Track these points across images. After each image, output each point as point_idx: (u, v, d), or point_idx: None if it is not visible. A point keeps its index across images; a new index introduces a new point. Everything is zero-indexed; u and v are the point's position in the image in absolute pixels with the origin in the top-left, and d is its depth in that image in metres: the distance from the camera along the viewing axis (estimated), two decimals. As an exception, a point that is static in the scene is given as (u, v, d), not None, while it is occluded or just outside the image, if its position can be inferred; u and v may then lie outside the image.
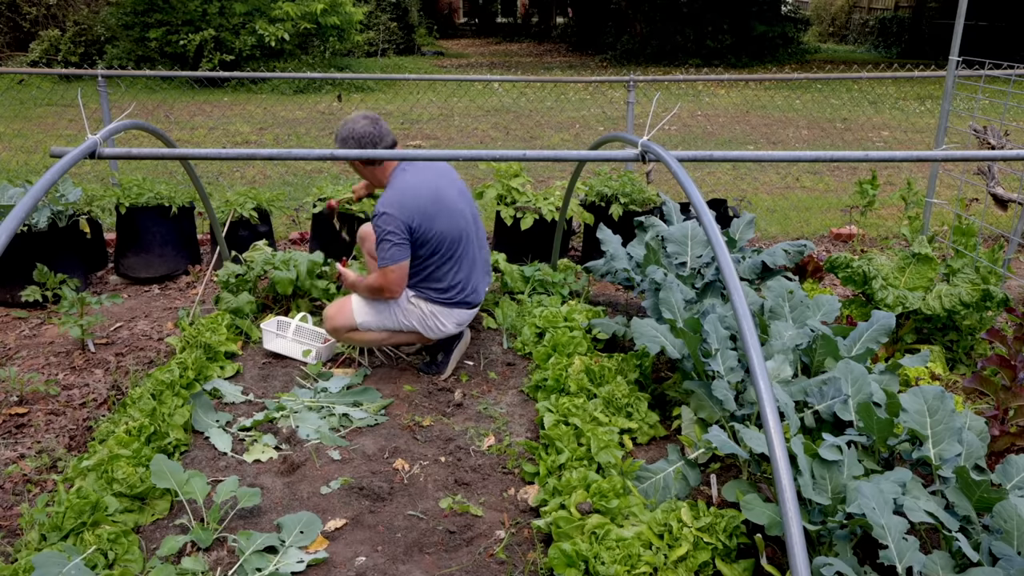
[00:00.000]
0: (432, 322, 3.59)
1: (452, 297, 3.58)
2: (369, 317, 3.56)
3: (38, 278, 3.99)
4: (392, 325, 3.60)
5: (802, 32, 23.00)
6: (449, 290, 3.57)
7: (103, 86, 5.96)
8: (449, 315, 3.61)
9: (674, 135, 10.20)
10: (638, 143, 2.61)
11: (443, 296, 3.57)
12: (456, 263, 3.55)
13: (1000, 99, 5.21)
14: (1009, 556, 2.04)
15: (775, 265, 3.71)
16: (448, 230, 3.48)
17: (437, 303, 3.58)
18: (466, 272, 3.59)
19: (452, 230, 3.49)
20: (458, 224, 3.52)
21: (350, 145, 3.43)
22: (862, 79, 11.28)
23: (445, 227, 3.46)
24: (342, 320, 3.58)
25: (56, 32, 15.57)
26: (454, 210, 3.51)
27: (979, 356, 3.77)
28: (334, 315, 3.59)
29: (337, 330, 3.61)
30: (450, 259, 3.53)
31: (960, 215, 4.80)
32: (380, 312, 3.57)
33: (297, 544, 2.52)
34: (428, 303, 3.58)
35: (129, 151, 2.56)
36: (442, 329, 3.62)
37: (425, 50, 23.34)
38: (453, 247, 3.51)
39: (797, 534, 1.69)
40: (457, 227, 3.51)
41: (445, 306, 3.59)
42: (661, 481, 2.73)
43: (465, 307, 3.65)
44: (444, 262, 3.52)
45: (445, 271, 3.53)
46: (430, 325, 3.60)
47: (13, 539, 2.55)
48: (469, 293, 3.63)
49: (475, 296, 3.67)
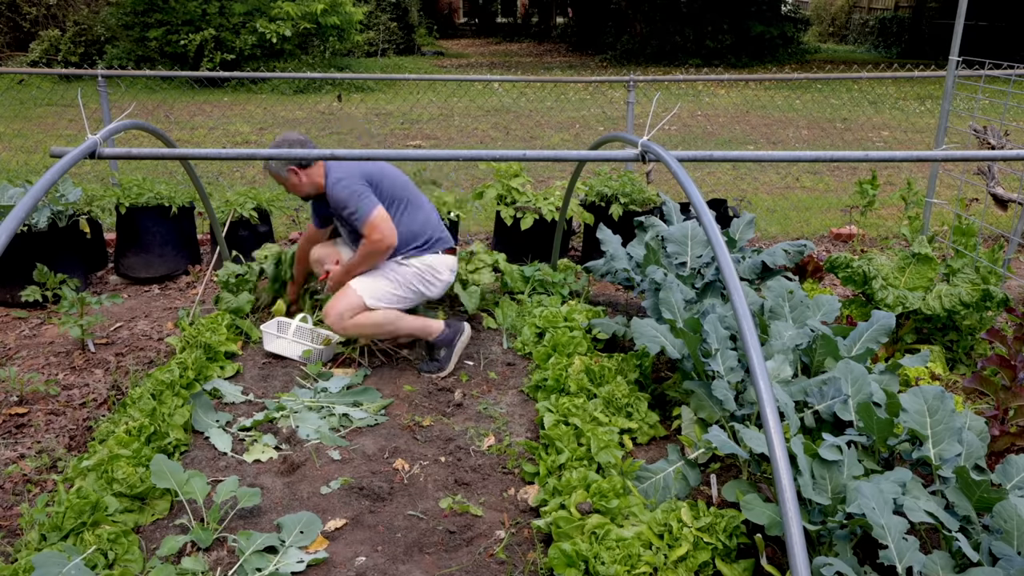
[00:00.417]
0: (430, 275, 3.76)
1: (430, 240, 3.77)
2: (374, 291, 3.63)
3: (38, 278, 3.99)
4: (399, 291, 3.70)
5: (802, 32, 23.01)
6: (424, 234, 3.76)
7: (103, 86, 5.96)
8: (439, 262, 3.79)
9: (674, 135, 10.20)
10: (638, 143, 2.61)
11: (424, 243, 3.76)
12: (416, 208, 3.76)
13: (1000, 99, 5.21)
14: (1009, 556, 2.04)
15: (775, 265, 3.71)
16: (392, 179, 3.72)
17: (424, 252, 3.75)
18: (427, 213, 3.81)
19: (396, 179, 3.74)
20: (400, 179, 3.77)
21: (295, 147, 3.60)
22: (862, 79, 11.28)
23: (391, 183, 3.70)
24: (346, 303, 3.56)
25: (56, 32, 15.58)
26: (389, 171, 3.77)
27: (979, 356, 3.77)
28: (335, 302, 3.59)
29: (342, 315, 3.56)
30: (409, 205, 3.73)
31: (960, 215, 4.80)
32: (380, 283, 3.66)
33: (297, 544, 2.52)
34: (416, 257, 3.74)
35: (129, 151, 2.56)
36: (441, 278, 3.80)
37: (425, 50, 23.34)
38: (408, 195, 3.75)
39: (797, 534, 1.69)
40: (401, 181, 3.77)
41: (430, 253, 3.77)
42: (661, 481, 2.73)
43: (448, 252, 3.84)
44: (406, 209, 3.72)
45: (411, 218, 3.73)
46: (428, 279, 3.76)
47: (13, 539, 2.55)
48: (441, 233, 3.83)
49: (447, 237, 3.86)
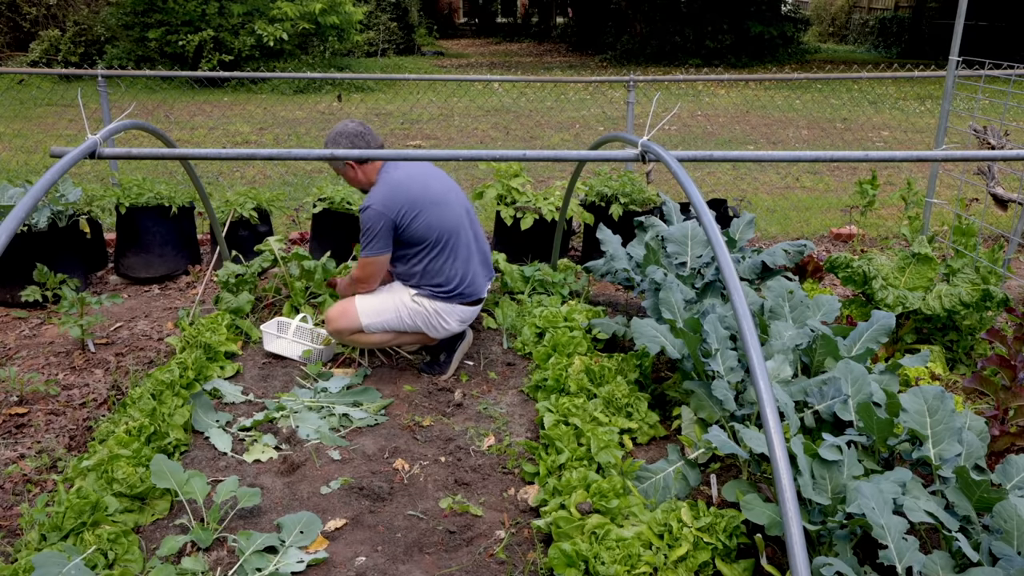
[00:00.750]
0: (436, 320, 3.59)
1: (452, 292, 3.58)
2: (374, 318, 3.55)
3: (38, 278, 3.99)
4: (396, 326, 3.59)
5: (802, 32, 23.00)
6: (448, 284, 3.57)
7: (103, 86, 5.96)
8: (452, 312, 3.61)
9: (674, 135, 10.20)
10: (638, 143, 2.61)
11: (443, 291, 3.57)
12: (451, 256, 3.55)
13: (1000, 99, 5.21)
14: (1009, 556, 2.04)
15: (775, 265, 3.71)
16: (438, 223, 3.49)
17: (439, 299, 3.58)
18: (463, 266, 3.59)
19: (442, 223, 3.50)
20: (448, 217, 3.53)
21: (341, 143, 3.47)
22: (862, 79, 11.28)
23: (434, 220, 3.48)
24: (346, 322, 3.56)
25: (56, 32, 15.58)
26: (443, 203, 3.53)
27: (979, 356, 3.77)
28: (337, 317, 3.57)
29: (340, 332, 3.59)
30: (443, 252, 3.53)
31: (960, 215, 4.80)
32: (385, 313, 3.56)
33: (297, 544, 2.52)
34: (431, 300, 3.57)
35: (129, 151, 2.56)
36: (446, 327, 3.62)
37: (425, 50, 23.35)
38: (445, 240, 3.52)
39: (797, 534, 1.69)
40: (447, 220, 3.53)
41: (447, 302, 3.59)
42: (661, 481, 2.73)
43: (467, 303, 3.65)
44: (438, 255, 3.53)
45: (441, 265, 3.54)
46: (434, 324, 3.60)
47: (13, 539, 2.55)
48: (469, 288, 3.62)
49: (475, 291, 3.66)
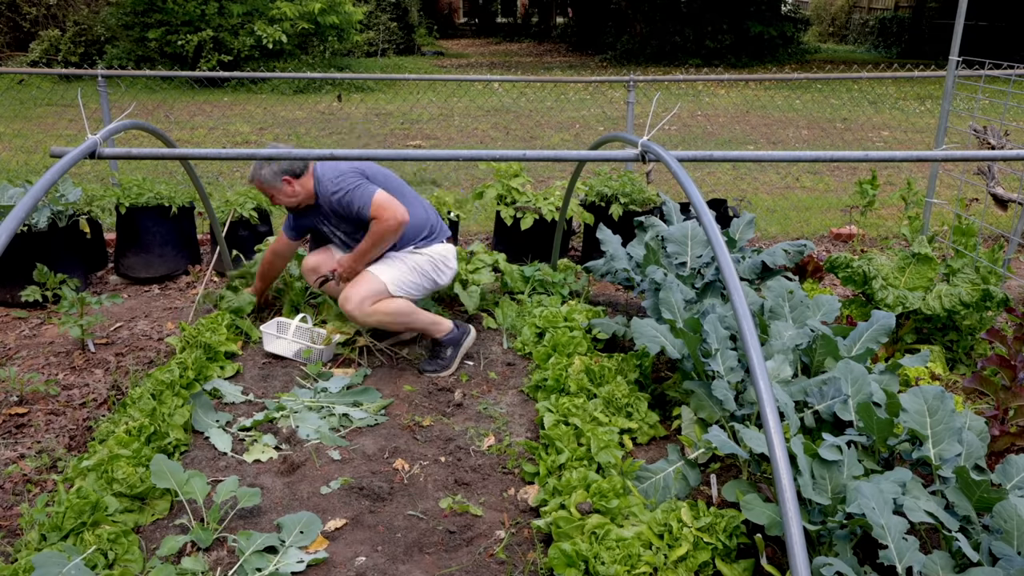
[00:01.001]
0: (441, 264, 3.83)
1: (433, 230, 3.83)
2: (395, 278, 3.65)
3: (38, 278, 3.99)
4: (417, 279, 3.74)
5: (802, 32, 23.01)
6: (426, 227, 3.81)
7: (103, 86, 5.96)
8: (447, 250, 3.86)
9: (674, 135, 10.20)
10: (638, 143, 2.61)
11: (429, 234, 3.82)
12: (414, 203, 3.78)
13: (1000, 99, 5.21)
14: (1009, 556, 2.04)
15: (775, 265, 3.71)
16: (385, 177, 3.75)
17: (432, 242, 3.82)
18: (428, 210, 3.88)
19: (389, 178, 3.77)
20: (389, 175, 3.80)
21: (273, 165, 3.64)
22: (862, 79, 11.28)
23: (383, 180, 3.72)
24: (368, 288, 3.55)
25: (56, 32, 15.58)
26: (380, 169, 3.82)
27: (979, 356, 3.77)
28: (356, 288, 3.56)
29: (363, 300, 3.54)
30: (408, 203, 3.70)
31: (960, 215, 4.80)
32: (400, 272, 3.69)
33: (297, 544, 2.52)
34: (427, 247, 3.80)
35: (129, 151, 2.56)
36: (449, 265, 3.87)
37: (425, 50, 23.35)
38: (403, 193, 3.77)
39: (797, 534, 1.69)
40: (391, 177, 3.79)
41: (432, 243, 3.82)
42: (661, 481, 2.73)
43: (447, 240, 3.91)
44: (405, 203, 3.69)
45: (412, 212, 3.70)
46: (441, 268, 3.83)
47: (13, 539, 2.55)
48: (441, 224, 3.91)
49: (446, 230, 3.94)
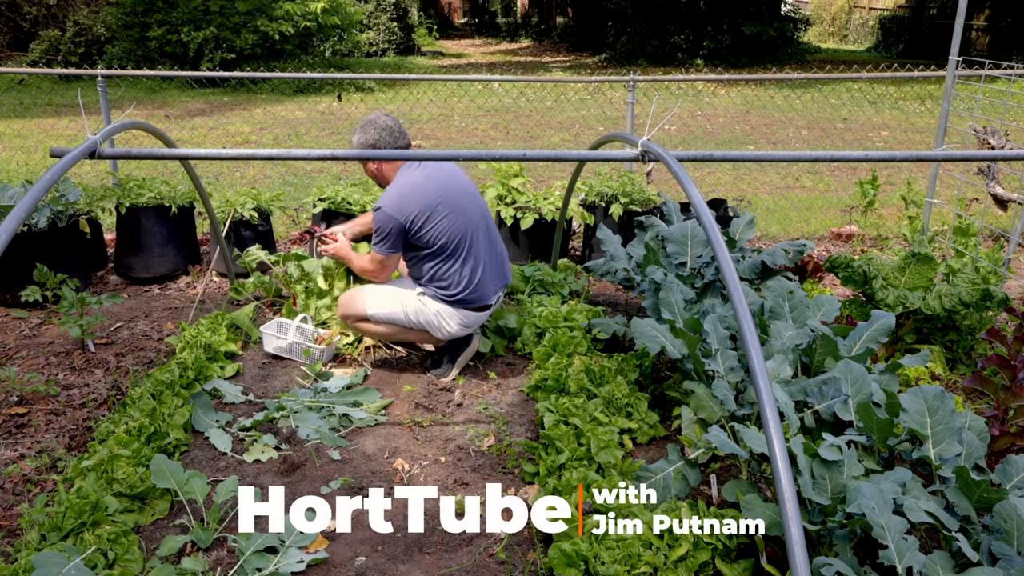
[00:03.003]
0: (438, 321, 3.59)
1: (455, 296, 3.56)
2: (379, 309, 3.61)
3: (38, 278, 3.99)
4: (400, 320, 3.61)
5: (802, 32, 22.99)
6: (453, 289, 3.55)
7: (103, 86, 5.95)
8: (453, 316, 3.59)
9: (674, 135, 10.20)
10: (638, 143, 2.61)
11: (447, 295, 3.56)
12: (459, 263, 3.53)
13: (1000, 99, 5.21)
14: (1009, 556, 2.04)
15: (775, 265, 3.71)
16: (448, 228, 3.47)
17: (443, 302, 3.57)
18: (470, 273, 3.55)
19: (453, 228, 3.48)
20: (461, 223, 3.51)
21: (368, 131, 3.51)
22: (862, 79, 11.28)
23: (445, 226, 3.47)
24: (354, 308, 3.66)
25: (56, 32, 15.58)
26: (456, 208, 3.50)
27: (979, 356, 3.77)
28: (347, 302, 3.69)
29: (347, 317, 3.71)
30: (452, 258, 3.51)
31: (960, 215, 4.80)
32: (391, 305, 3.60)
33: (297, 544, 2.52)
34: (435, 301, 3.58)
35: (129, 151, 2.57)
36: (448, 330, 3.61)
37: (425, 50, 23.35)
38: (455, 246, 3.50)
39: (797, 534, 1.69)
40: (460, 226, 3.50)
41: (450, 305, 3.58)
42: (661, 481, 2.72)
43: (470, 309, 3.61)
44: (445, 260, 3.51)
45: (448, 270, 3.53)
46: (436, 324, 3.60)
47: (13, 539, 2.55)
48: (474, 294, 3.58)
49: (481, 297, 3.62)
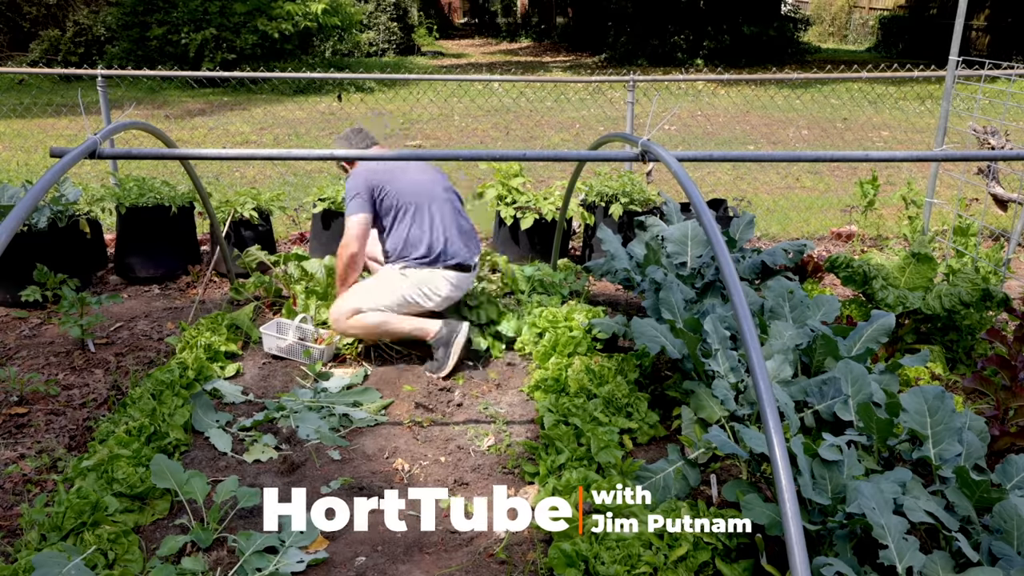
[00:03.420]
0: (427, 288, 3.78)
1: (433, 256, 3.78)
2: (368, 299, 3.72)
3: (38, 278, 3.99)
4: (392, 301, 3.73)
5: (802, 32, 22.99)
6: (423, 246, 3.77)
7: (103, 86, 5.96)
8: (439, 277, 3.79)
9: (674, 135, 10.20)
10: (638, 143, 2.61)
11: (426, 258, 3.78)
12: (428, 221, 3.79)
13: (1000, 99, 5.21)
14: (1009, 556, 2.04)
15: (775, 265, 3.71)
16: (411, 188, 3.78)
17: (423, 266, 3.78)
18: (439, 232, 3.80)
19: (416, 189, 3.79)
20: (422, 186, 3.82)
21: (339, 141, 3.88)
22: (862, 79, 11.28)
23: (408, 186, 3.78)
24: (343, 308, 3.71)
25: (56, 32, 15.59)
26: (417, 176, 3.85)
27: (979, 356, 3.77)
28: (336, 306, 3.76)
29: (339, 319, 3.73)
30: (420, 217, 3.78)
31: (960, 215, 4.81)
32: (378, 291, 3.75)
33: (297, 544, 2.52)
34: (416, 269, 3.78)
35: (129, 151, 2.57)
36: (438, 293, 3.80)
37: (425, 50, 23.35)
38: (419, 204, 3.78)
39: (797, 534, 1.69)
40: (421, 187, 3.82)
41: (431, 267, 3.79)
42: (661, 481, 2.73)
43: (450, 267, 3.81)
44: (415, 220, 3.78)
45: (419, 231, 3.77)
46: (426, 292, 3.79)
47: (13, 539, 2.55)
48: (449, 250, 3.81)
49: (455, 254, 3.82)
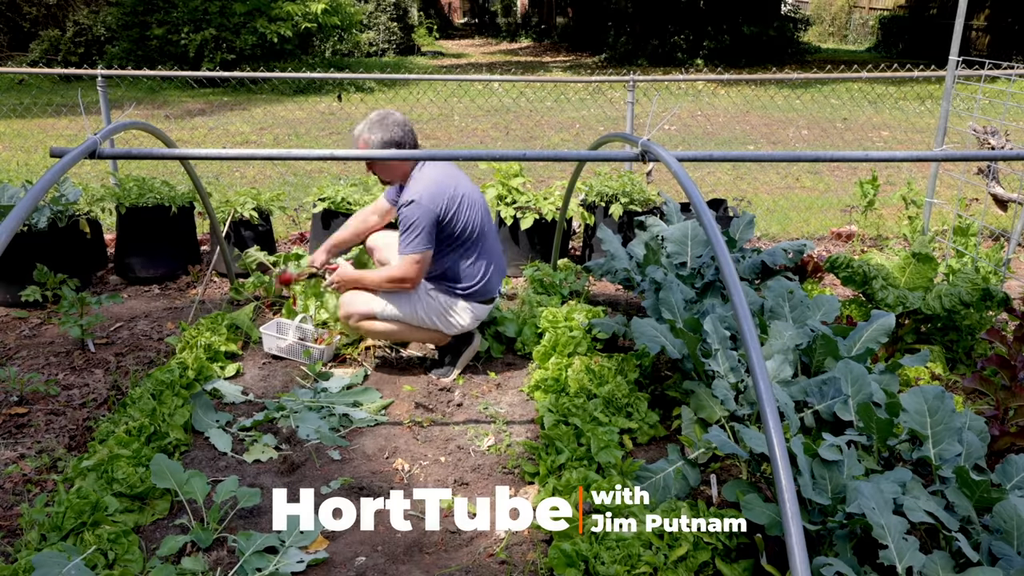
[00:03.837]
0: (449, 316, 3.61)
1: (469, 289, 3.61)
2: (388, 306, 3.57)
3: (38, 278, 3.99)
4: (409, 318, 3.59)
5: (802, 32, 22.99)
6: (467, 282, 3.60)
7: (103, 86, 5.96)
8: (466, 309, 3.62)
9: (674, 135, 10.19)
10: (638, 143, 2.61)
11: (461, 288, 3.60)
12: (476, 255, 3.59)
13: (1000, 99, 5.21)
14: (1009, 556, 2.04)
15: (775, 265, 3.71)
16: (473, 218, 3.55)
17: (456, 295, 3.60)
18: (485, 265, 3.62)
19: (473, 222, 3.55)
20: (478, 216, 3.59)
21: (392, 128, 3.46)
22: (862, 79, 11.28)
23: (470, 215, 3.53)
24: (357, 307, 3.58)
25: (56, 32, 15.59)
26: (474, 202, 3.58)
27: (979, 356, 3.77)
28: (350, 300, 3.61)
29: (351, 316, 3.60)
30: (470, 251, 3.58)
31: (960, 215, 4.81)
32: (399, 301, 3.57)
33: (297, 544, 2.52)
34: (447, 296, 3.60)
35: (129, 151, 2.57)
36: (460, 323, 3.64)
37: (425, 50, 23.36)
38: (475, 238, 3.57)
39: (796, 534, 1.69)
40: (478, 219, 3.58)
41: (463, 299, 3.61)
42: (661, 481, 2.73)
43: (481, 301, 3.66)
44: (465, 253, 3.57)
45: (465, 263, 3.58)
46: (447, 319, 3.62)
47: (13, 539, 2.55)
48: (486, 286, 3.65)
49: (490, 290, 3.68)
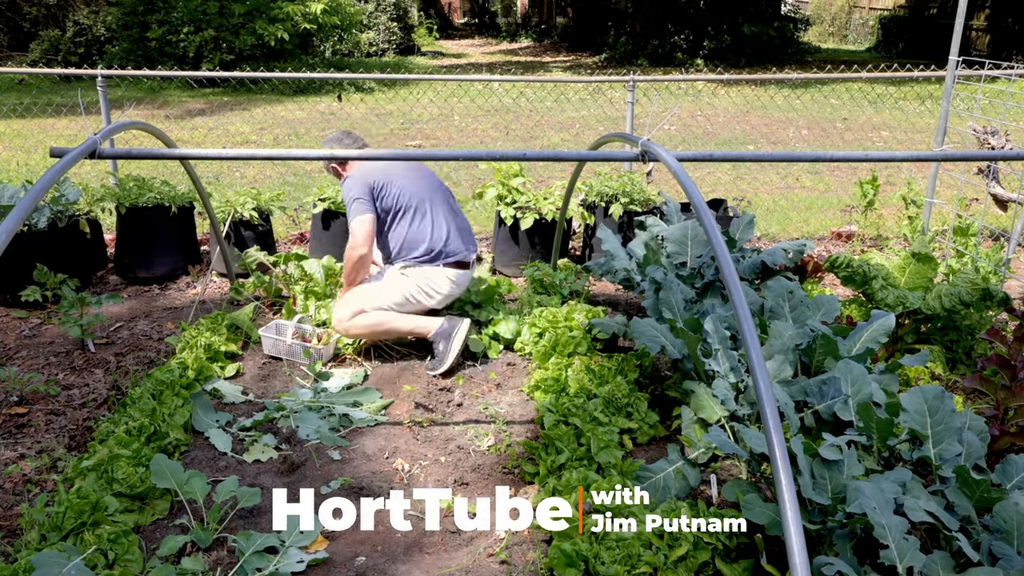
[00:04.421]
0: (427, 287, 3.85)
1: (434, 254, 3.85)
2: (371, 299, 3.78)
3: (38, 278, 3.99)
4: (394, 300, 3.80)
5: (802, 32, 22.99)
6: (424, 244, 3.84)
7: (103, 86, 5.96)
8: (440, 275, 3.86)
9: (674, 135, 10.19)
10: (638, 143, 2.61)
11: (426, 256, 3.85)
12: (424, 217, 3.85)
13: (1000, 99, 5.21)
14: (1009, 556, 2.04)
15: (775, 265, 3.71)
16: (410, 189, 3.83)
17: (423, 263, 3.85)
18: (439, 231, 3.87)
19: (414, 189, 3.84)
20: (420, 186, 3.88)
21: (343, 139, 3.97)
22: (862, 79, 11.28)
23: (407, 186, 3.83)
24: (346, 307, 3.76)
25: (56, 32, 15.59)
26: (414, 175, 3.90)
27: (979, 356, 3.76)
28: (339, 305, 3.81)
29: (342, 319, 3.77)
30: (419, 216, 3.84)
31: (960, 215, 4.81)
32: (381, 291, 3.81)
33: (297, 544, 2.52)
34: (416, 268, 3.85)
35: (129, 151, 2.57)
36: (440, 290, 3.87)
37: (425, 50, 23.36)
38: (418, 204, 3.84)
39: (797, 534, 1.69)
40: (419, 188, 3.87)
41: (432, 264, 3.86)
42: (661, 481, 2.73)
43: (450, 263, 3.88)
44: (415, 219, 3.84)
45: (418, 229, 3.83)
46: (426, 290, 3.86)
47: (13, 539, 2.55)
48: (448, 247, 3.88)
49: (455, 251, 3.90)
